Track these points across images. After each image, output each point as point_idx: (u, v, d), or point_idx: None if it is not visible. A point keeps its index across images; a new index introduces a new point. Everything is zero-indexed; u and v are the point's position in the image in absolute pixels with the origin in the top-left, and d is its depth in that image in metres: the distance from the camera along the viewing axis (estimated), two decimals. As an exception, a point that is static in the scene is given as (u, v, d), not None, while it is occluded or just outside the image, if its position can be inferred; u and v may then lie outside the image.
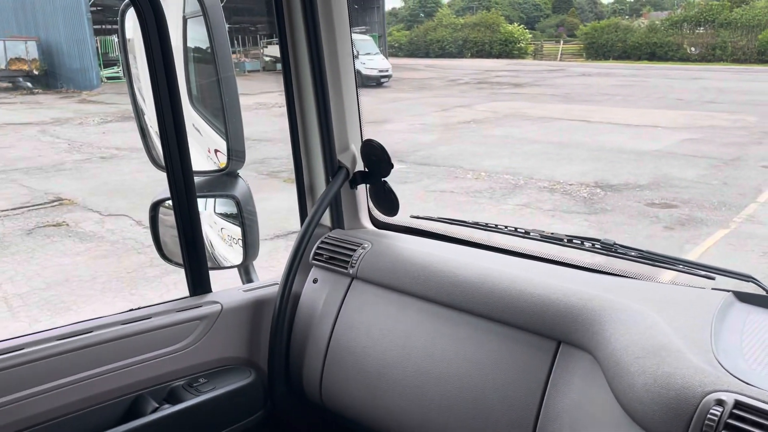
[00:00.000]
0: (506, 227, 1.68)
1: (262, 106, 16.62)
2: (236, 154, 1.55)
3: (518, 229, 1.66)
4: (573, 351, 1.24)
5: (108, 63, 24.05)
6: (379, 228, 1.84)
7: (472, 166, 9.50)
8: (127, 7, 1.46)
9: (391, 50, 37.94)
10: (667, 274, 1.52)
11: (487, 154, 10.38)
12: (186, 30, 1.57)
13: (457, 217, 1.78)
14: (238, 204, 1.59)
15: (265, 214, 7.17)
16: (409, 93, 19.84)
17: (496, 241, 1.69)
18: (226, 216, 1.69)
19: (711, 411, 0.95)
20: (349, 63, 1.70)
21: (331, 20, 1.63)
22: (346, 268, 1.64)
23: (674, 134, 11.78)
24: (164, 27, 1.38)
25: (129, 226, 6.84)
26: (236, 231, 1.63)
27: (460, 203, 7.59)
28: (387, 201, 1.72)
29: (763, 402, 0.95)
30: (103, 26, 24.41)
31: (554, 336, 1.26)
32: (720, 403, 0.96)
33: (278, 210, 6.93)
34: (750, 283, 1.38)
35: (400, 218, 1.80)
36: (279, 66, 1.67)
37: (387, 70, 22.82)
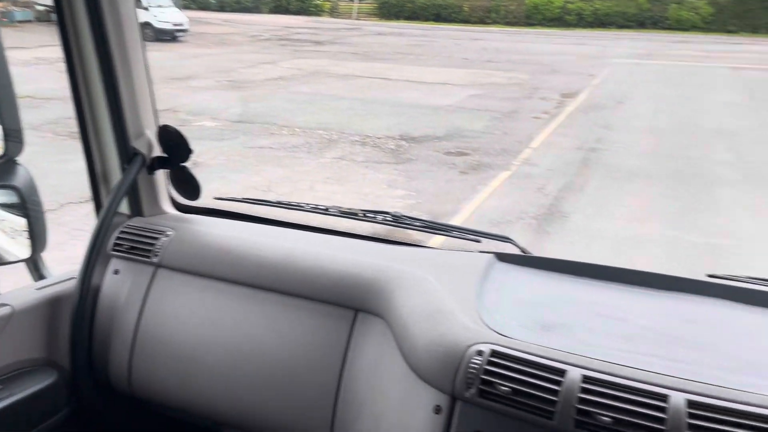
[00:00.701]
0: (307, 205, 1.76)
1: (43, 61, 14.97)
2: (13, 135, 1.37)
3: (318, 206, 1.74)
4: (369, 318, 1.36)
5: None
6: (183, 212, 1.80)
7: (286, 123, 9.79)
8: None
9: (184, 2, 35.81)
10: (445, 240, 1.73)
11: (298, 111, 10.71)
12: None
13: (279, 171, 2.00)
14: (20, 195, 1.45)
15: (72, 176, 6.83)
16: (210, 48, 19.19)
17: (299, 218, 1.76)
18: (6, 207, 1.52)
19: (472, 361, 1.10)
20: (137, 49, 1.60)
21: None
22: (149, 257, 1.61)
23: (462, 91, 13.13)
24: None
25: None
26: (20, 222, 1.49)
27: (279, 158, 7.89)
28: (189, 185, 1.69)
29: (514, 349, 1.11)
30: None
31: (352, 305, 1.38)
32: (480, 353, 1.11)
33: (84, 171, 6.64)
34: (508, 243, 1.61)
35: (204, 201, 1.77)
36: (54, 16, 1.55)
37: (182, 24, 21.66)
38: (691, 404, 0.98)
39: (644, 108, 11.65)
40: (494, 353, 1.10)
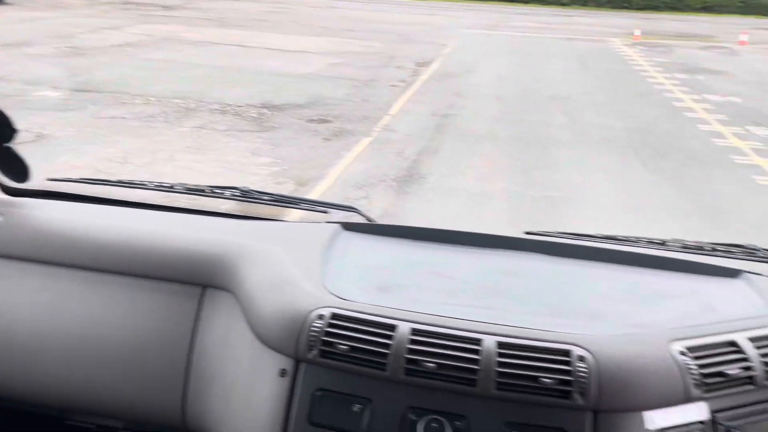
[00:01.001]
0: (150, 182, 1.71)
1: None
2: None
3: (163, 184, 1.71)
4: (217, 293, 1.39)
5: None
6: (11, 196, 1.69)
7: (139, 91, 9.33)
8: None
9: (6, -42, 31.85)
10: (294, 213, 1.77)
11: (151, 79, 10.23)
12: None
13: (135, 142, 1.90)
14: None
15: None
16: (43, 12, 17.48)
17: (143, 197, 1.71)
18: None
19: (313, 324, 1.17)
20: None
21: None
22: None
23: (321, 59, 13.22)
24: None
25: None
26: None
27: (134, 128, 7.58)
28: (15, 167, 1.61)
29: (352, 311, 1.19)
30: None
31: (199, 282, 1.40)
32: (321, 317, 1.18)
33: None
34: (354, 213, 1.67)
35: (36, 182, 1.69)
36: None
37: (8, -17, 19.46)
38: (501, 345, 1.12)
39: (491, 76, 12.48)
40: (334, 316, 1.18)
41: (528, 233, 1.60)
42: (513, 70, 13.18)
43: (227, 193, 1.69)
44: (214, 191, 1.70)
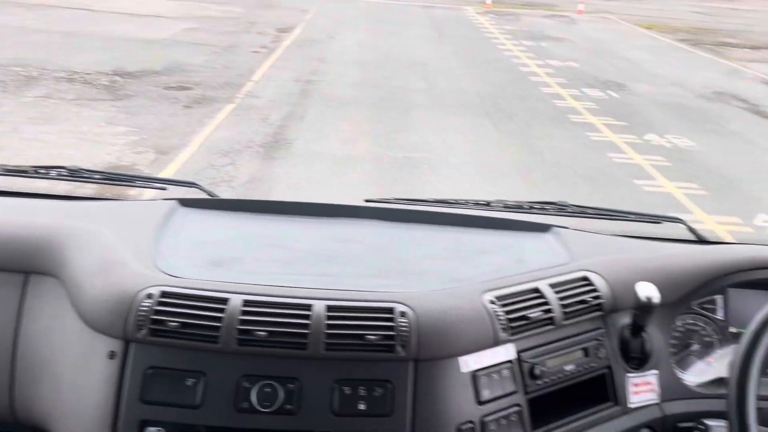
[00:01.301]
0: None
1: None
2: None
3: None
4: (42, 279, 1.31)
5: None
6: None
7: (-31, 59, 8.48)
8: None
9: None
10: (130, 191, 1.75)
11: (-18, 45, 9.30)
12: None
13: None
14: None
15: None
16: None
17: None
18: None
19: (142, 304, 1.14)
20: None
21: None
22: None
23: (176, 24, 12.64)
24: None
25: None
26: None
27: (-32, 99, 6.92)
28: None
29: (182, 287, 1.17)
30: None
31: (21, 269, 1.32)
32: (150, 296, 1.15)
33: None
34: (194, 188, 1.64)
35: None
36: None
37: None
38: (330, 308, 1.16)
39: (352, 42, 12.66)
40: (164, 294, 1.16)
41: (367, 201, 1.67)
42: (373, 37, 13.43)
43: (53, 173, 1.60)
44: (38, 171, 1.61)
